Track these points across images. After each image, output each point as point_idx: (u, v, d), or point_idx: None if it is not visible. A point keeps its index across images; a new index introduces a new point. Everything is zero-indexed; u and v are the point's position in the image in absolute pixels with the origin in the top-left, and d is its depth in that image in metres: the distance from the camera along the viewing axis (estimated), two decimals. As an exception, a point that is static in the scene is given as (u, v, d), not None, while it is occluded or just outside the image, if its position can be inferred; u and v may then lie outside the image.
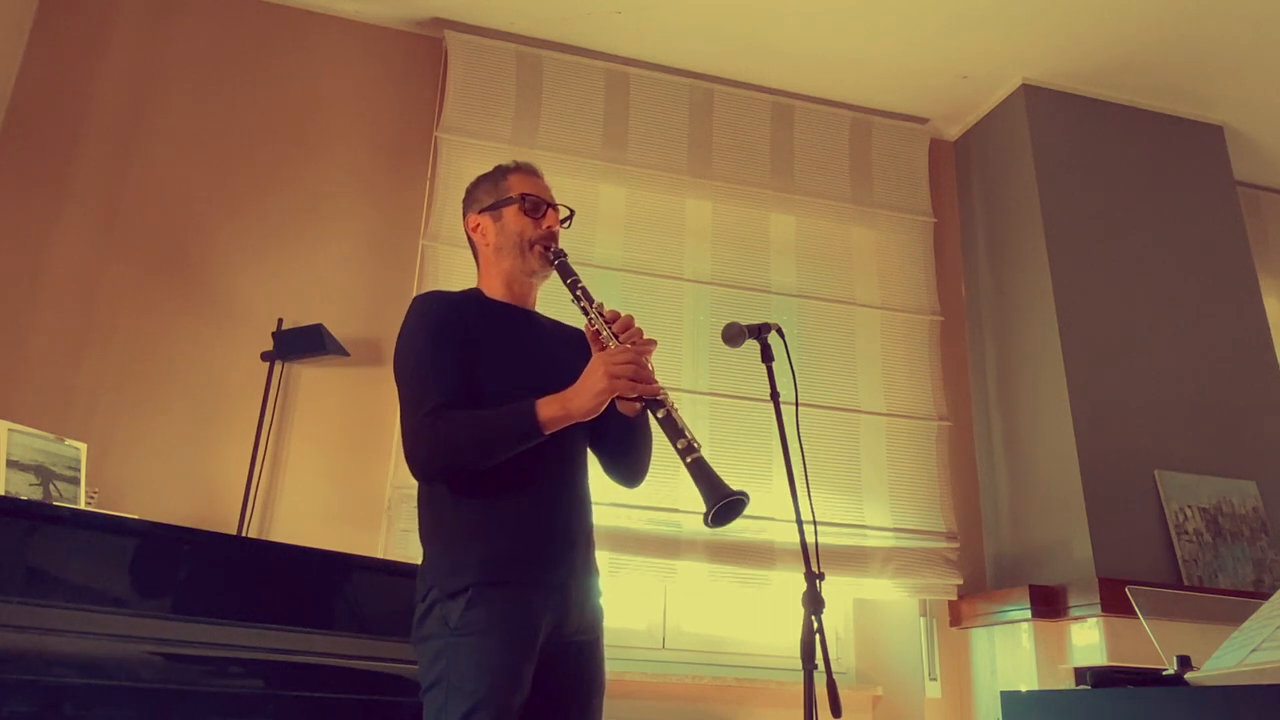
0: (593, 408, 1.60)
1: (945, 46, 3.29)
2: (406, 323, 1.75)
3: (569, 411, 1.59)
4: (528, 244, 1.82)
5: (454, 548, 1.64)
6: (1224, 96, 3.50)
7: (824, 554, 2.93)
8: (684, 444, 1.57)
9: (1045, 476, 3.06)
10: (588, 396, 1.59)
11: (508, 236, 1.83)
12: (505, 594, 1.59)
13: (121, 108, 2.98)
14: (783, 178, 3.42)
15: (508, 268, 1.84)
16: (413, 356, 1.70)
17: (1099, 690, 1.41)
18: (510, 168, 1.91)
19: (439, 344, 1.69)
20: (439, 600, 1.60)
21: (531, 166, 1.92)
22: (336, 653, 2.02)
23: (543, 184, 1.90)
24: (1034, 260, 3.26)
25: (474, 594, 1.57)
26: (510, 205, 1.84)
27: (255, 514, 2.67)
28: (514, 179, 1.87)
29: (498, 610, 1.57)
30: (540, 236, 1.82)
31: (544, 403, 1.58)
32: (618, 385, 1.59)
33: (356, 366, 2.89)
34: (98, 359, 2.73)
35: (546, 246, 1.82)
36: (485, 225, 1.86)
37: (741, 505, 1.55)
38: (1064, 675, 2.71)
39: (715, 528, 1.57)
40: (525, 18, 3.25)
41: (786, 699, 2.89)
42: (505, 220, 1.84)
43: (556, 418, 1.59)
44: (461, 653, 1.54)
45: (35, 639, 1.68)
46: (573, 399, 1.59)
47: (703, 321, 3.19)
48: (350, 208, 3.07)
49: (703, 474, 1.55)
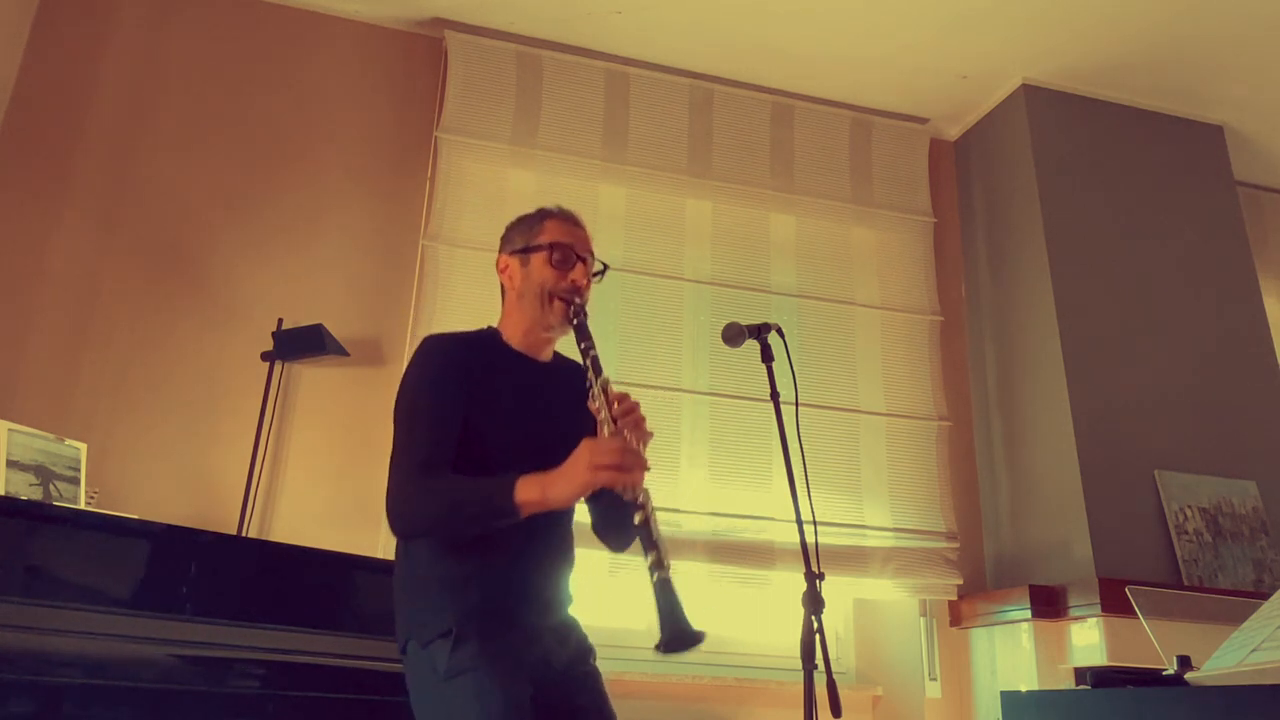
0: (570, 499, 1.55)
1: (945, 46, 3.29)
2: (412, 364, 1.72)
3: (547, 499, 1.52)
4: (550, 296, 1.77)
5: (429, 599, 1.62)
6: (1224, 96, 3.50)
7: (824, 554, 2.93)
8: (654, 559, 1.49)
9: (1045, 476, 3.06)
10: (567, 487, 1.52)
11: (532, 285, 1.78)
12: (487, 634, 1.57)
13: (121, 108, 2.98)
14: (783, 178, 3.42)
15: (528, 316, 1.80)
16: (411, 406, 1.67)
17: (1099, 690, 1.41)
18: (550, 212, 1.84)
19: (438, 397, 1.66)
20: (419, 649, 1.58)
21: (572, 215, 1.85)
22: (336, 653, 2.02)
23: (580, 233, 1.83)
24: (1034, 260, 3.26)
25: (458, 633, 1.55)
26: (539, 253, 1.78)
27: (255, 514, 2.67)
28: (550, 225, 1.81)
29: (484, 647, 1.54)
30: (564, 290, 1.76)
31: (524, 484, 1.52)
32: (599, 479, 1.51)
33: (356, 366, 2.89)
34: (98, 359, 2.73)
35: (569, 303, 1.76)
36: (513, 268, 1.82)
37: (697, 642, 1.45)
38: (1064, 675, 2.71)
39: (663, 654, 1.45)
40: (525, 18, 3.25)
41: (786, 699, 2.89)
42: (532, 267, 1.79)
43: (533, 502, 1.52)
44: (459, 695, 1.50)
45: (35, 639, 1.68)
46: (552, 486, 1.52)
47: (703, 321, 3.19)
48: (350, 208, 3.07)
49: (667, 598, 1.46)
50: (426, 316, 2.92)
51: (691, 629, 1.44)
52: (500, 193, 3.14)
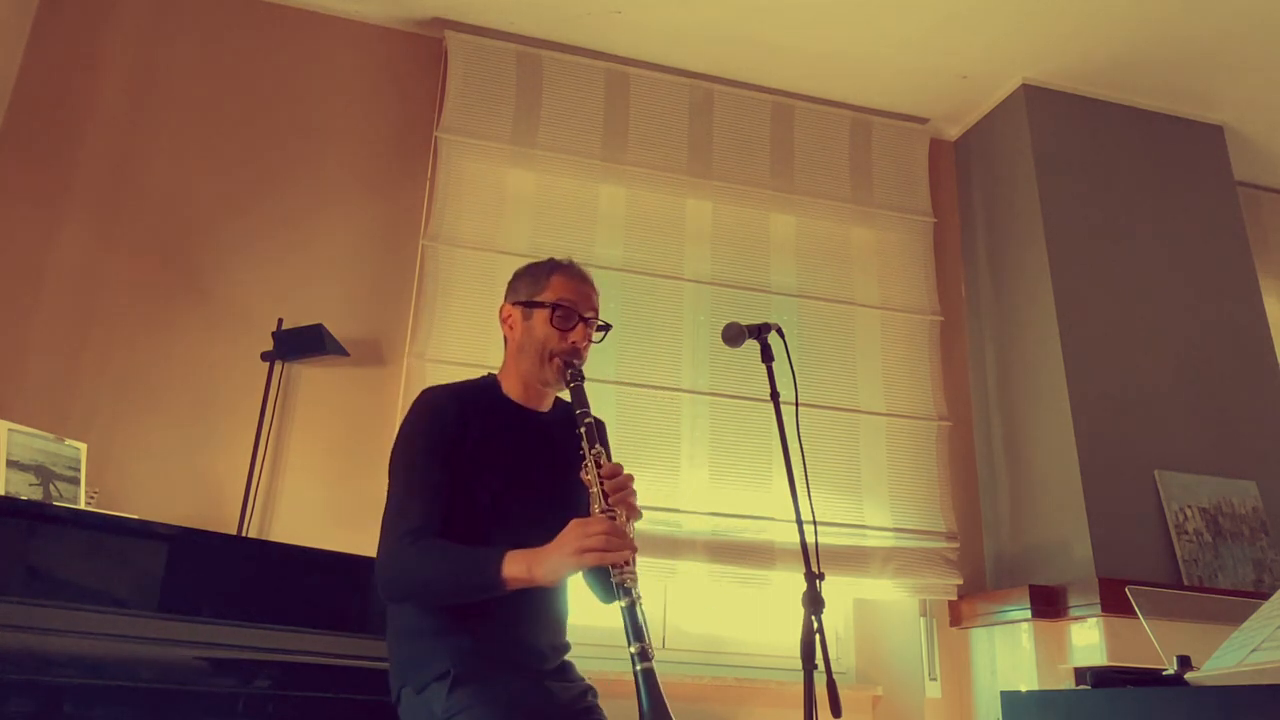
0: (555, 579, 1.55)
1: (945, 46, 3.29)
2: (408, 419, 1.73)
3: (533, 577, 1.53)
4: (548, 355, 1.77)
5: (420, 648, 1.63)
6: (1224, 96, 3.50)
7: (824, 554, 2.93)
8: (638, 648, 1.47)
9: (1045, 476, 3.06)
10: (552, 568, 1.53)
11: (532, 340, 1.79)
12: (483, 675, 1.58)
13: (121, 108, 2.98)
14: (783, 178, 3.42)
15: (525, 370, 1.81)
16: (406, 466, 1.68)
17: (1099, 690, 1.40)
18: (560, 265, 1.84)
19: (432, 458, 1.67)
20: (414, 695, 1.59)
21: (580, 272, 1.85)
22: (336, 653, 2.02)
23: (586, 290, 1.82)
24: (1034, 260, 3.26)
25: (455, 675, 1.56)
26: (542, 310, 1.78)
27: (255, 514, 2.67)
28: (557, 280, 1.81)
29: (481, 688, 1.55)
30: (563, 351, 1.77)
31: (511, 560, 1.53)
32: (585, 560, 1.52)
33: (356, 366, 2.89)
34: (98, 359, 2.73)
35: (566, 364, 1.76)
36: (515, 319, 1.83)
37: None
38: (1064, 675, 2.71)
39: None
40: (525, 18, 3.25)
41: (786, 699, 2.89)
42: (534, 322, 1.79)
43: (519, 579, 1.53)
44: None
45: (35, 639, 1.68)
46: (538, 565, 1.53)
47: (703, 321, 3.19)
48: (350, 208, 3.07)
49: (650, 688, 1.44)
50: (426, 316, 2.92)
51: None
52: (500, 193, 3.14)
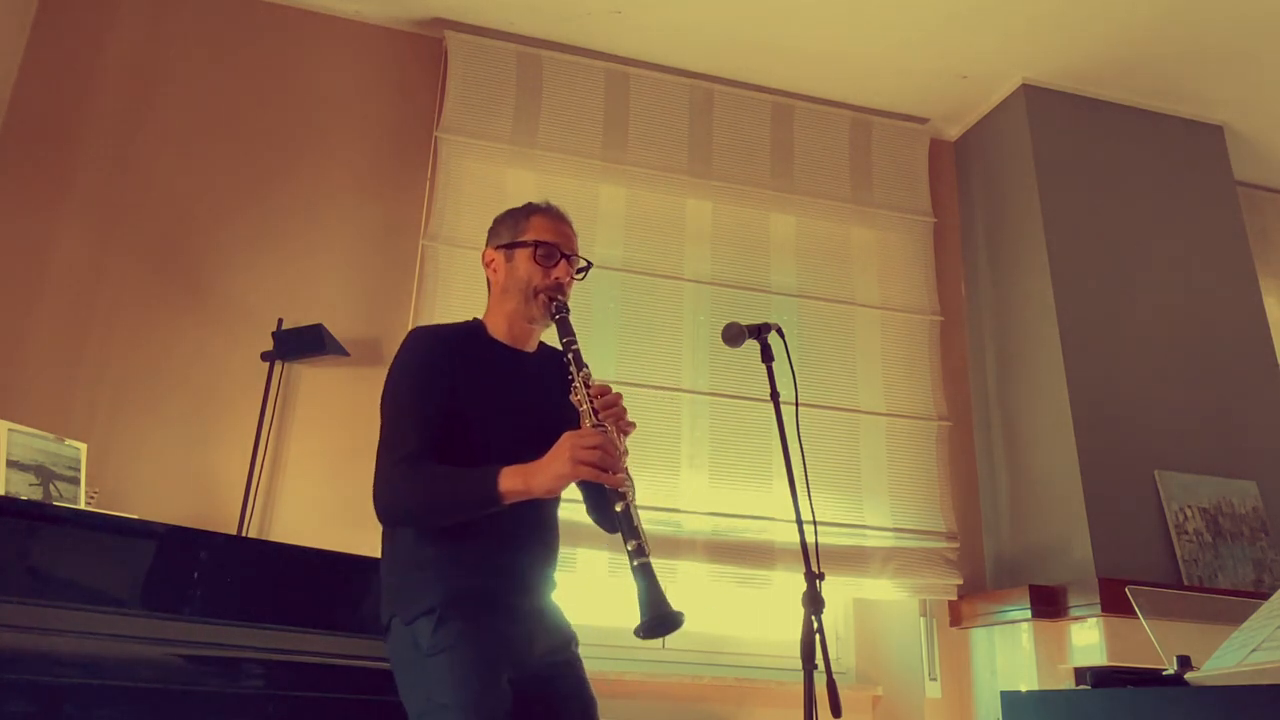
0: (551, 490, 1.57)
1: (945, 46, 3.29)
2: (398, 358, 1.76)
3: (529, 488, 1.56)
4: (533, 291, 1.81)
5: (413, 579, 1.65)
6: (1224, 96, 3.50)
7: (824, 554, 2.93)
8: (635, 545, 1.54)
9: (1045, 476, 3.06)
10: (548, 478, 1.56)
11: (516, 280, 1.82)
12: (469, 615, 1.60)
13: (121, 107, 2.98)
14: (783, 178, 3.42)
15: (511, 310, 1.84)
16: (397, 398, 1.71)
17: (1099, 690, 1.40)
18: (538, 208, 1.88)
19: (423, 390, 1.70)
20: (402, 626, 1.61)
21: (558, 211, 1.89)
22: (336, 653, 2.02)
23: (565, 230, 1.87)
24: (1034, 260, 3.26)
25: (441, 613, 1.58)
26: (524, 249, 1.82)
27: (255, 514, 2.67)
28: (536, 221, 1.85)
29: (467, 627, 1.58)
30: (546, 286, 1.81)
31: (507, 474, 1.56)
32: (579, 471, 1.55)
33: (356, 366, 2.89)
34: (98, 359, 2.73)
35: (551, 298, 1.80)
36: (498, 262, 1.86)
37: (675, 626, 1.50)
38: (1064, 675, 2.71)
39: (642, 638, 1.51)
40: (525, 18, 3.25)
41: (786, 699, 2.89)
42: (516, 262, 1.83)
43: (516, 491, 1.56)
44: (438, 671, 1.54)
45: (35, 639, 1.68)
46: (534, 476, 1.56)
47: (703, 321, 3.19)
48: (350, 208, 3.07)
49: (647, 582, 1.50)
50: (426, 316, 2.92)
51: (672, 611, 1.48)
52: (500, 193, 3.14)
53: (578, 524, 2.03)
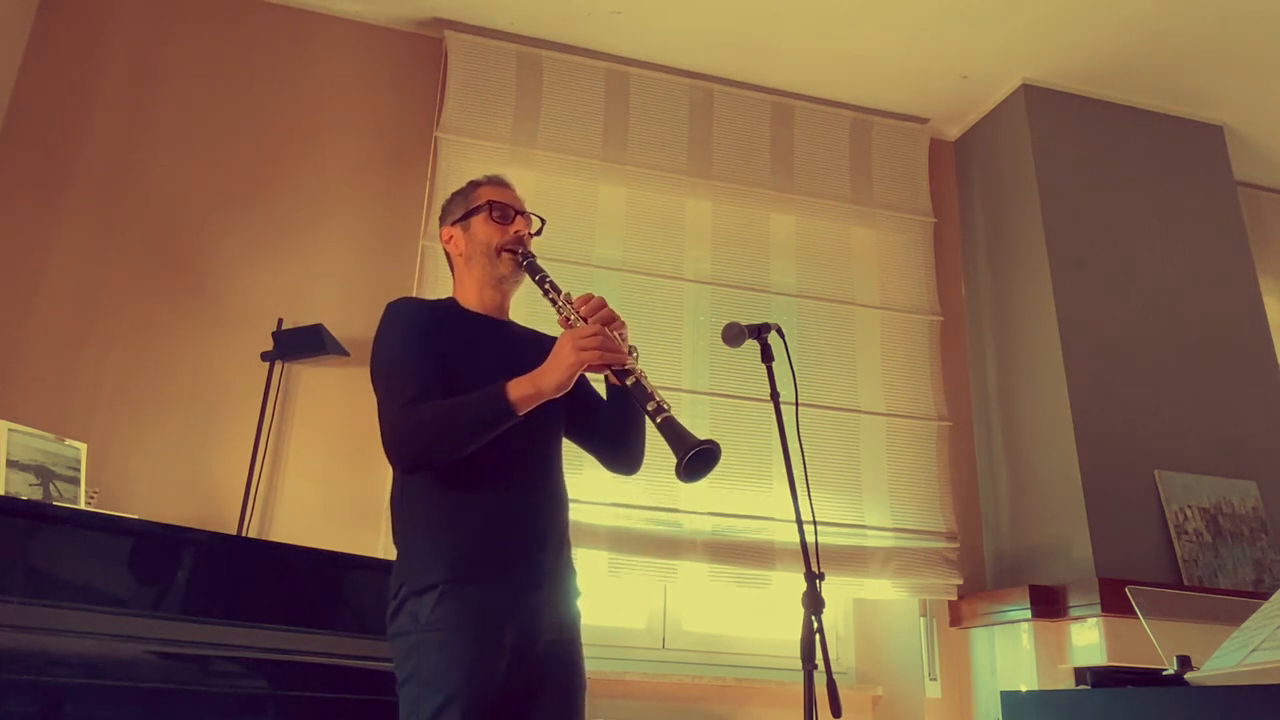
0: (562, 382, 1.61)
1: (945, 46, 3.29)
2: (381, 327, 1.77)
3: (540, 389, 1.60)
4: (495, 250, 1.85)
5: (424, 546, 1.66)
6: (1224, 96, 3.50)
7: (824, 554, 2.93)
8: (654, 405, 1.60)
9: (1045, 476, 3.06)
10: (557, 372, 1.61)
11: (476, 245, 1.86)
12: (473, 592, 1.60)
13: (121, 108, 2.98)
14: (783, 178, 3.42)
15: (478, 275, 1.87)
16: (388, 356, 1.73)
17: (1099, 690, 1.41)
18: (480, 181, 1.94)
19: (413, 345, 1.72)
20: (409, 596, 1.62)
21: (501, 179, 1.95)
22: (336, 653, 2.02)
23: (511, 194, 1.93)
24: (1034, 260, 3.26)
25: (443, 590, 1.59)
26: (478, 214, 1.87)
27: (255, 514, 2.67)
28: (483, 189, 1.91)
29: (467, 607, 1.59)
30: (507, 242, 1.85)
31: (514, 383, 1.60)
32: (585, 358, 1.61)
33: (356, 366, 2.88)
34: (98, 359, 2.73)
35: (514, 250, 1.84)
36: (456, 236, 1.90)
37: (713, 457, 1.56)
38: (1064, 675, 2.71)
39: (688, 482, 1.57)
40: (525, 18, 3.25)
41: (786, 699, 2.89)
42: (474, 229, 1.87)
43: (528, 396, 1.60)
44: (431, 649, 1.56)
45: (35, 639, 1.68)
46: (542, 376, 1.61)
47: (703, 321, 3.19)
48: (350, 207, 3.07)
49: (673, 430, 1.56)
50: (426, 316, 2.92)
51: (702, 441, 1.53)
52: (500, 193, 3.13)
53: (577, 524, 2.03)
